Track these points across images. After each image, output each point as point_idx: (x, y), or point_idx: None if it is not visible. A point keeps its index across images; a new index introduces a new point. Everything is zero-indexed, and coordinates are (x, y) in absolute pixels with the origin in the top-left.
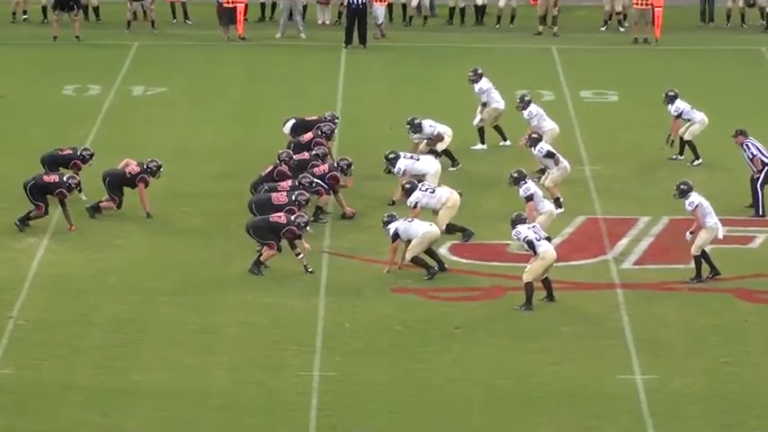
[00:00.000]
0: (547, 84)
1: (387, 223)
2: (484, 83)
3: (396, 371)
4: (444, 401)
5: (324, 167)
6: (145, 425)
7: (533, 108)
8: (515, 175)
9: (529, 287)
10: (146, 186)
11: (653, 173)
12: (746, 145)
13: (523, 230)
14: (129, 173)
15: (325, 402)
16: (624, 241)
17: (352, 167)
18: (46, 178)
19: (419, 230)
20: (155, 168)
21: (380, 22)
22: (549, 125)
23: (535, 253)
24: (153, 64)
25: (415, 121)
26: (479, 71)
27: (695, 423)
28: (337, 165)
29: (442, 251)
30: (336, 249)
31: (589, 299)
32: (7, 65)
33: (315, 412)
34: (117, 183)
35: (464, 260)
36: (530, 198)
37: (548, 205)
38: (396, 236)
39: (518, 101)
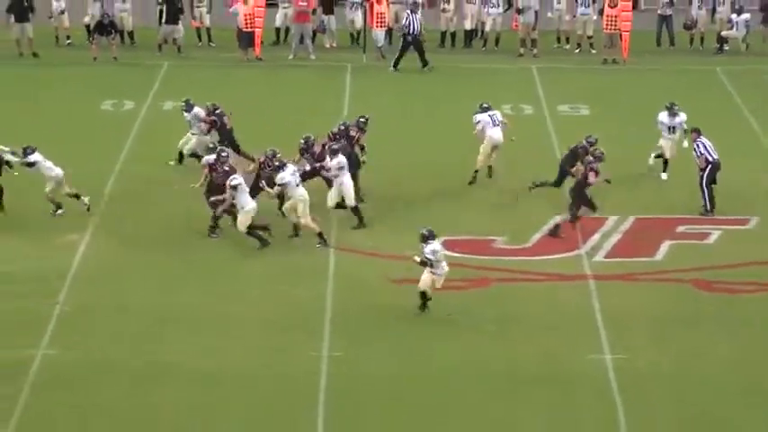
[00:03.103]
0: (528, 99)
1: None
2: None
3: (397, 353)
4: (439, 380)
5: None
6: (174, 401)
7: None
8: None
9: None
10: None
11: (621, 177)
12: (697, 143)
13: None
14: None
15: (332, 382)
16: (596, 237)
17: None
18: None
19: (247, 202)
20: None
21: (380, 44)
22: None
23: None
24: (181, 82)
25: (190, 101)
26: (677, 106)
27: (658, 398)
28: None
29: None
30: (342, 245)
31: (565, 288)
32: (52, 83)
33: (323, 393)
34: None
35: (455, 254)
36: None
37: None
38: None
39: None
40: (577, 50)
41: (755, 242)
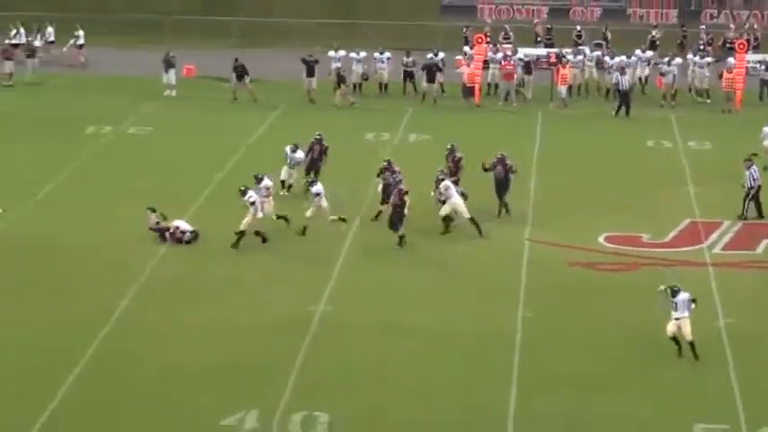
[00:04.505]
0: (667, 137)
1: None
2: None
3: (574, 314)
4: (605, 337)
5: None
6: (405, 349)
7: None
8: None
9: None
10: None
11: (734, 193)
12: (752, 170)
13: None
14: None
15: (525, 336)
16: (714, 236)
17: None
18: None
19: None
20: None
21: (563, 96)
22: None
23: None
24: (421, 121)
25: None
26: None
27: (757, 350)
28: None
29: (600, 240)
30: (532, 237)
31: (691, 273)
32: (330, 121)
33: (519, 344)
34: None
35: (614, 246)
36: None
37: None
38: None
39: None
40: (699, 100)
41: None
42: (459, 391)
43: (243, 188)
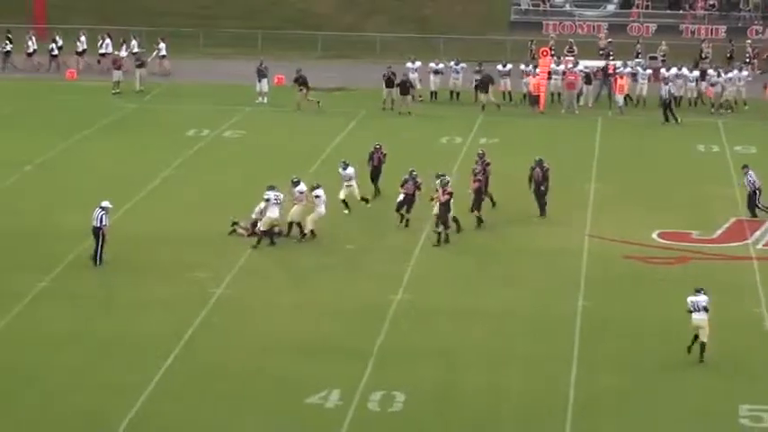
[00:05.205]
0: (715, 141)
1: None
2: None
3: (630, 301)
4: (658, 321)
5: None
6: (478, 338)
7: None
8: None
9: None
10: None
11: None
12: (749, 175)
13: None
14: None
15: (584, 321)
16: (758, 233)
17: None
18: None
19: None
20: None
21: (620, 105)
22: None
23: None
24: (491, 126)
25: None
26: None
27: None
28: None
29: (653, 236)
30: (592, 233)
31: (737, 266)
32: (408, 126)
33: (578, 327)
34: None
35: (666, 241)
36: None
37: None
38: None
39: None
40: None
41: None
42: (525, 370)
43: (269, 185)
